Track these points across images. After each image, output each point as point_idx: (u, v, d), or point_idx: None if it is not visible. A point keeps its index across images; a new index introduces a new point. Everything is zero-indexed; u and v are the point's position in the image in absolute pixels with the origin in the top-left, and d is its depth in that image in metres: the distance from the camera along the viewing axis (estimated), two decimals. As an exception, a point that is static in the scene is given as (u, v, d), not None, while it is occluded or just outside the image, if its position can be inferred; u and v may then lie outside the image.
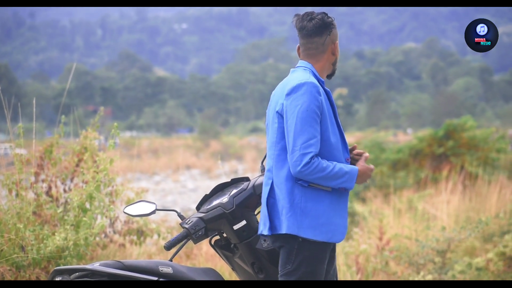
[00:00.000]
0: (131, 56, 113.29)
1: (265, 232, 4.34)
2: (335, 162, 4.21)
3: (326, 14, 4.39)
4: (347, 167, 4.23)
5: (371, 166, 4.40)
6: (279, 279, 4.32)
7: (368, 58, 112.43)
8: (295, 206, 4.21)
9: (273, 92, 4.46)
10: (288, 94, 4.23)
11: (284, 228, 4.24)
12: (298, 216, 4.21)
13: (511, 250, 9.14)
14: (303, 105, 4.16)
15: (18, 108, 7.12)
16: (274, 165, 4.30)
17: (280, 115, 4.28)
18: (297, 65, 4.44)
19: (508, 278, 8.62)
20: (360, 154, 4.44)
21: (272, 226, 4.32)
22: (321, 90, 4.26)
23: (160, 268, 4.37)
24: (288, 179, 4.23)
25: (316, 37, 4.37)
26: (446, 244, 8.34)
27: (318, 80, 4.33)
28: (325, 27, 4.36)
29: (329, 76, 4.50)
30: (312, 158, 4.12)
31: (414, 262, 8.34)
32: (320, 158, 4.15)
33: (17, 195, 6.60)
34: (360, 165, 4.35)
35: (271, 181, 4.33)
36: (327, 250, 4.31)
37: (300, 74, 4.32)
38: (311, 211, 4.21)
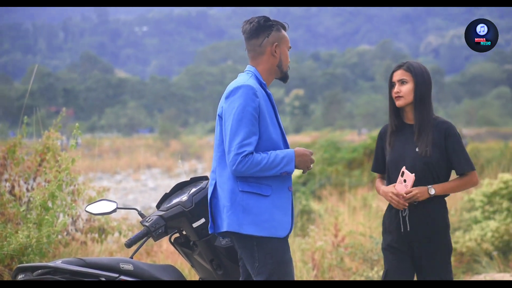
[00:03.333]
0: (93, 58, 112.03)
1: (210, 231, 4.46)
2: (270, 151, 4.31)
3: (265, 18, 4.48)
4: (282, 152, 4.33)
5: (309, 150, 4.48)
6: (254, 279, 4.36)
7: (324, 60, 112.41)
8: (236, 204, 4.29)
9: None
10: (227, 98, 4.35)
11: (225, 226, 4.34)
12: (240, 213, 4.29)
13: (461, 246, 9.43)
14: (239, 107, 4.27)
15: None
16: (217, 166, 4.41)
17: (220, 118, 4.39)
18: (245, 69, 4.53)
19: (459, 274, 8.87)
20: None
21: (215, 225, 4.43)
22: (260, 92, 4.34)
23: (121, 265, 4.46)
24: (230, 179, 4.33)
25: (253, 39, 4.47)
26: (399, 240, 8.51)
27: (260, 83, 4.42)
28: (262, 29, 4.45)
29: (283, 80, 4.56)
30: (246, 156, 4.22)
31: (368, 258, 8.45)
32: (254, 153, 4.25)
33: (-20, 194, 6.65)
34: (297, 147, 4.45)
35: (214, 181, 4.43)
36: (285, 240, 4.38)
37: (241, 78, 4.43)
38: (253, 208, 4.29)
